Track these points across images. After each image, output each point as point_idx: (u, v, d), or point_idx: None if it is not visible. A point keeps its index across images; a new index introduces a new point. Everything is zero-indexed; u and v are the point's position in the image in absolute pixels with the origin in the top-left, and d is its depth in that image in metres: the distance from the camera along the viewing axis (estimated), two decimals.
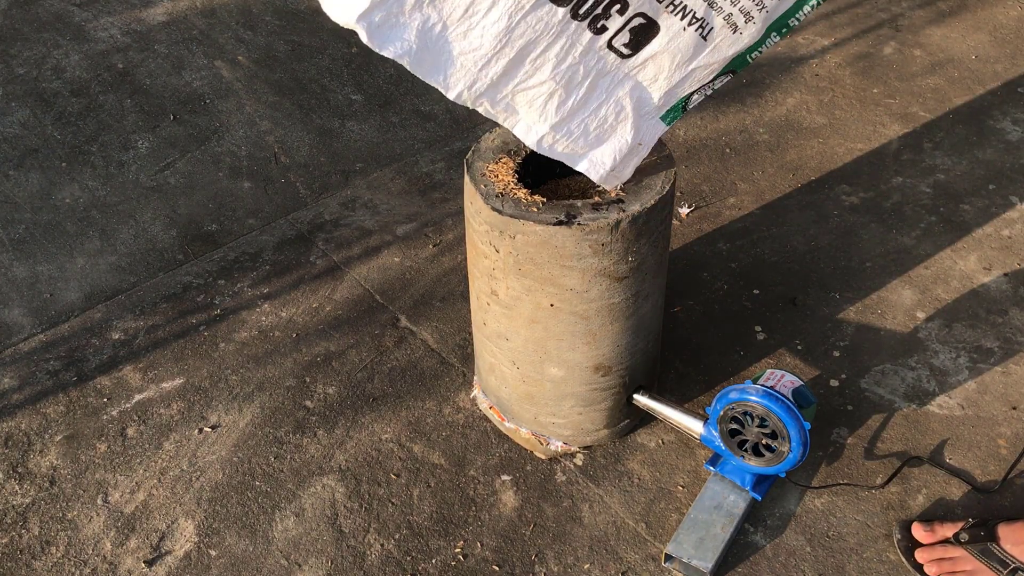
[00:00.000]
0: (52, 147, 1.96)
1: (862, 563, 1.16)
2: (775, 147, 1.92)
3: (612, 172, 1.06)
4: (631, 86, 1.02)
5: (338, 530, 1.22)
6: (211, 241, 1.71)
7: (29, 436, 1.35)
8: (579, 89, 1.00)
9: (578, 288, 1.07)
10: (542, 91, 1.00)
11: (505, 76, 0.98)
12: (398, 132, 2.00)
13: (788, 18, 1.00)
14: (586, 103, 1.01)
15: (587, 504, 1.24)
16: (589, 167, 1.05)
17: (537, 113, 1.01)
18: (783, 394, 1.10)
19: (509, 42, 0.95)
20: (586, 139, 1.04)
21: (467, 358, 1.46)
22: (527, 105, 1.01)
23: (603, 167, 1.05)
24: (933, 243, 1.65)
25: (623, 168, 1.07)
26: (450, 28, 0.94)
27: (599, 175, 1.06)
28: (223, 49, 2.29)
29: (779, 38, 1.02)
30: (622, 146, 1.05)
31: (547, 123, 1.02)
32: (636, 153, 1.07)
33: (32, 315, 1.56)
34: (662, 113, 1.06)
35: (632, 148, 1.06)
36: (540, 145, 1.04)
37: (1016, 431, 1.32)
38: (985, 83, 2.09)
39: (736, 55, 1.02)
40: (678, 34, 0.98)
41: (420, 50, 0.94)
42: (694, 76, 1.03)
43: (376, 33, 0.93)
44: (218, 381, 1.43)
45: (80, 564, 1.18)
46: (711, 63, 1.01)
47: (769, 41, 1.02)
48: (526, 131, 1.03)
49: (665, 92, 1.03)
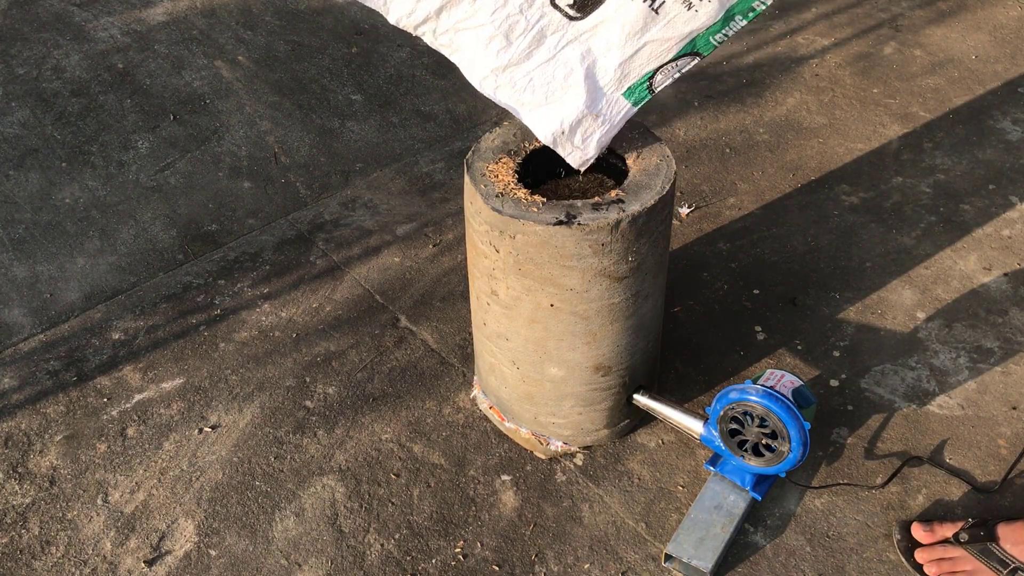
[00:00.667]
0: (52, 147, 1.96)
1: (862, 563, 1.16)
2: (775, 147, 1.92)
3: (562, 136, 1.07)
4: (582, 51, 1.04)
5: (338, 530, 1.22)
6: (211, 241, 1.71)
7: (29, 436, 1.35)
8: (521, 40, 1.03)
9: (578, 288, 1.07)
10: (484, 33, 1.03)
11: (445, 10, 1.02)
12: (398, 132, 2.00)
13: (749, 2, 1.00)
14: (530, 55, 1.04)
15: (587, 504, 1.24)
16: (535, 123, 1.07)
17: (480, 53, 1.04)
18: (783, 394, 1.10)
19: None
20: (532, 94, 1.05)
21: (467, 358, 1.46)
22: (472, 43, 1.04)
23: (549, 126, 1.06)
24: (933, 243, 1.65)
25: (581, 141, 1.08)
26: None
27: (544, 135, 1.07)
28: (223, 49, 2.29)
29: (744, 21, 1.01)
30: (571, 110, 1.05)
31: (487, 66, 1.04)
32: (595, 128, 1.07)
33: (32, 315, 1.56)
34: (623, 90, 1.06)
35: (583, 116, 1.06)
36: (483, 86, 1.06)
37: (1016, 431, 1.32)
38: (985, 83, 2.09)
39: (695, 34, 1.01)
40: (625, 3, 1.00)
41: None
42: (649, 50, 1.03)
43: None
44: (218, 381, 1.43)
45: (80, 564, 1.18)
46: (667, 38, 1.01)
47: (733, 24, 1.01)
48: (470, 69, 1.06)
49: (619, 64, 1.04)
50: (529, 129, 1.11)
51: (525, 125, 1.18)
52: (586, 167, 1.11)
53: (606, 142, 1.09)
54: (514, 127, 1.18)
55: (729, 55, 2.23)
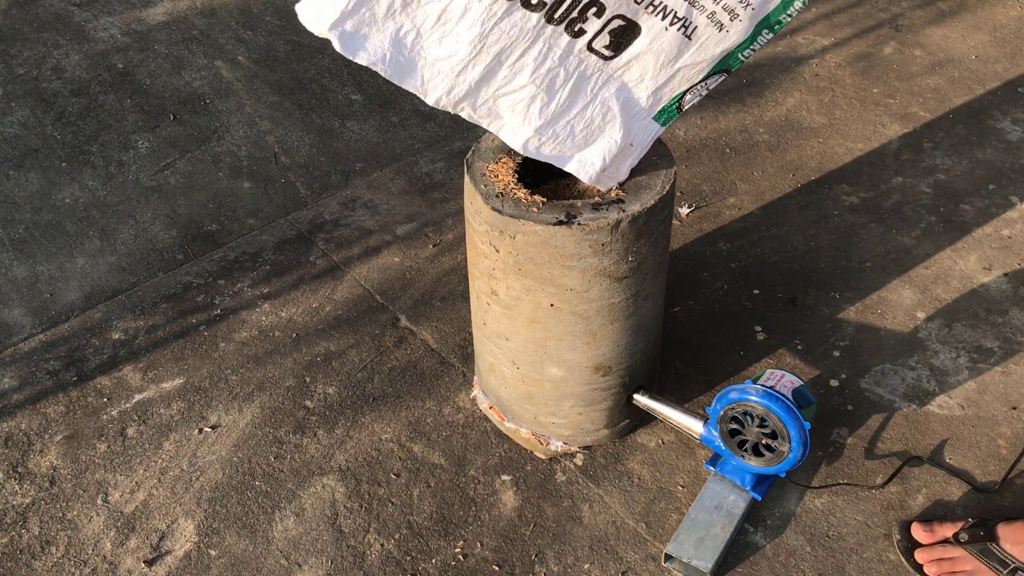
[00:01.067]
0: (52, 147, 1.96)
1: (862, 563, 1.16)
2: (775, 147, 1.92)
3: (603, 172, 1.06)
4: (617, 87, 1.02)
5: (338, 530, 1.22)
6: (211, 241, 1.71)
7: (29, 436, 1.35)
8: (561, 92, 1.00)
9: (578, 288, 1.07)
10: (523, 95, 1.00)
11: (483, 81, 0.99)
12: (398, 132, 2.00)
13: (778, 15, 0.99)
14: (570, 106, 1.02)
15: (587, 504, 1.24)
16: (578, 168, 1.05)
17: (521, 117, 1.01)
18: (783, 394, 1.10)
19: (484, 48, 0.96)
20: (573, 140, 1.04)
21: (467, 358, 1.46)
22: (510, 109, 1.01)
23: (592, 167, 1.05)
24: (933, 243, 1.65)
25: (615, 169, 1.07)
26: (424, 35, 0.96)
27: (588, 175, 1.06)
28: (223, 49, 2.29)
29: (771, 35, 1.01)
30: (611, 146, 1.05)
31: (531, 126, 1.02)
32: (629, 154, 1.07)
33: (32, 315, 1.56)
34: (654, 113, 1.06)
35: (623, 148, 1.05)
36: (526, 148, 1.04)
37: (1016, 431, 1.32)
38: (985, 83, 2.09)
39: (725, 53, 1.01)
40: (660, 34, 0.98)
41: (395, 56, 0.95)
42: (682, 75, 1.02)
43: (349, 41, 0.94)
44: (218, 381, 1.43)
45: (80, 564, 1.18)
46: (698, 62, 1.01)
47: (760, 39, 1.01)
48: (511, 134, 1.03)
49: (653, 92, 1.03)
50: None
51: None
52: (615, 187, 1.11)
53: (635, 163, 1.09)
54: None
55: None
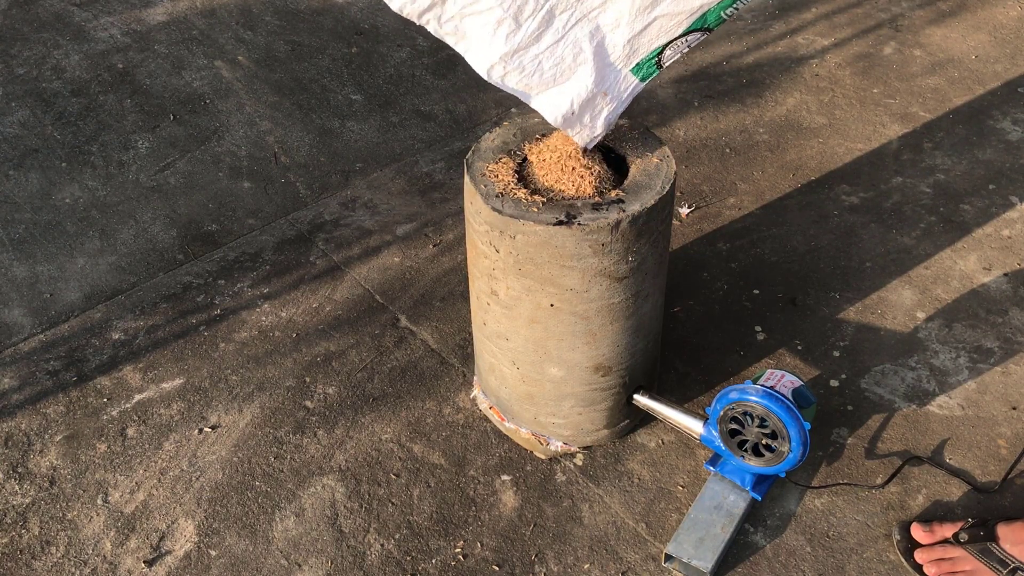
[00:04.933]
0: (52, 147, 1.96)
1: (862, 563, 1.16)
2: (775, 147, 1.92)
3: (573, 118, 1.04)
4: (591, 29, 1.01)
5: (338, 530, 1.22)
6: (211, 241, 1.71)
7: (29, 436, 1.35)
8: (531, 22, 0.99)
9: (578, 288, 1.07)
10: (490, 18, 0.99)
11: None
12: (398, 132, 2.00)
13: None
14: (539, 38, 1.00)
15: (587, 504, 1.24)
16: (544, 106, 1.04)
17: (487, 40, 1.00)
18: (783, 394, 1.10)
19: None
20: (540, 77, 1.02)
21: (467, 358, 1.46)
22: (477, 30, 1.00)
23: (558, 109, 1.04)
24: (933, 243, 1.65)
25: (590, 120, 1.06)
26: None
27: (554, 117, 1.04)
28: (223, 49, 2.29)
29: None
30: (580, 91, 1.03)
31: (496, 52, 1.01)
32: (603, 106, 1.05)
33: (32, 315, 1.56)
34: (631, 66, 1.04)
35: (593, 96, 1.04)
36: (490, 75, 1.03)
37: (1016, 431, 1.32)
38: (985, 83, 2.09)
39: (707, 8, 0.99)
40: None
41: None
42: (659, 25, 1.00)
43: None
44: (218, 381, 1.43)
45: (80, 564, 1.18)
46: (677, 12, 0.99)
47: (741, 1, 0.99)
48: (476, 57, 1.02)
49: (628, 40, 1.01)
50: (529, 122, 1.09)
51: (524, 123, 1.18)
52: (593, 145, 1.10)
53: (614, 119, 1.08)
54: (514, 127, 1.18)
55: (729, 55, 2.23)
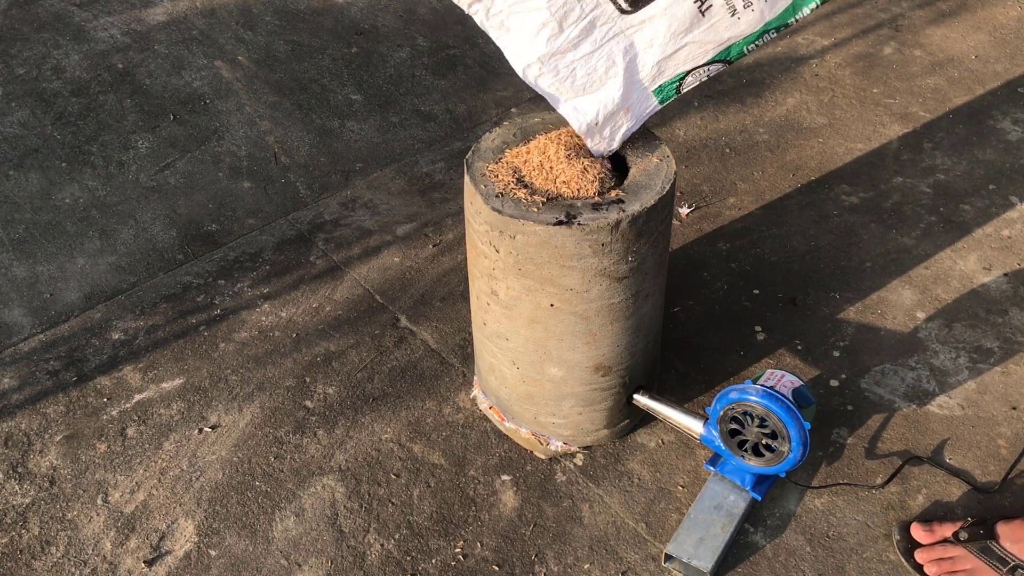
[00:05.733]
0: (52, 147, 1.96)
1: (862, 563, 1.16)
2: (775, 147, 1.92)
3: (595, 127, 1.07)
4: (626, 45, 1.04)
5: (338, 530, 1.22)
6: (211, 241, 1.71)
7: (29, 436, 1.35)
8: (573, 29, 1.02)
9: (578, 288, 1.07)
10: (537, 18, 1.02)
11: None
12: (398, 132, 2.00)
13: (788, 16, 1.02)
14: (578, 46, 1.04)
15: (587, 504, 1.24)
16: (571, 112, 1.07)
17: (528, 39, 1.04)
18: (783, 394, 1.10)
19: None
20: (572, 84, 1.06)
21: (467, 358, 1.46)
22: (522, 28, 1.04)
23: (585, 117, 1.07)
24: (933, 243, 1.65)
25: (609, 132, 1.08)
26: None
27: (579, 124, 1.07)
28: (223, 49, 2.29)
29: (775, 34, 1.03)
30: (608, 103, 1.06)
31: (535, 52, 1.04)
32: (623, 121, 1.08)
33: (32, 315, 1.56)
34: (655, 87, 1.07)
35: (618, 109, 1.07)
36: (526, 74, 1.06)
37: (1016, 431, 1.32)
38: (985, 83, 2.09)
39: (731, 42, 1.03)
40: (675, 2, 1.01)
41: None
42: (688, 51, 1.04)
43: None
44: (218, 381, 1.43)
45: (80, 564, 1.18)
46: (706, 42, 1.03)
47: (766, 37, 1.03)
48: (515, 54, 1.06)
49: (658, 61, 1.05)
50: (529, 122, 1.11)
51: (524, 123, 1.18)
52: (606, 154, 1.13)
53: (627, 136, 1.11)
54: (514, 127, 1.18)
55: None
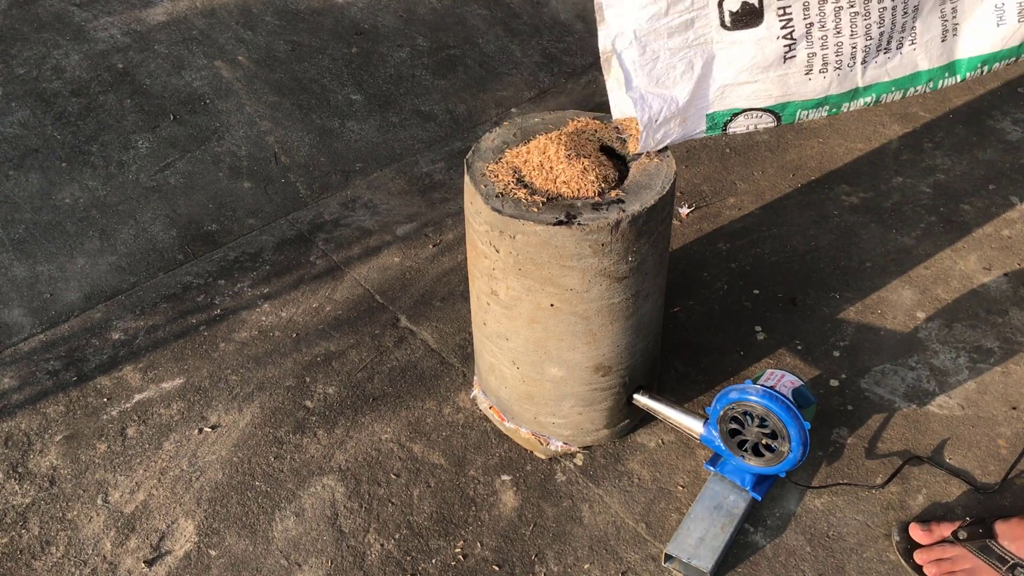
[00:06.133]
0: (52, 147, 1.96)
1: (862, 563, 1.16)
2: (775, 147, 1.92)
3: (654, 124, 1.07)
4: (708, 56, 1.04)
5: (338, 530, 1.22)
6: (211, 241, 1.71)
7: (29, 436, 1.35)
8: (676, 17, 1.02)
9: (578, 288, 1.07)
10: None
11: None
12: (398, 132, 2.00)
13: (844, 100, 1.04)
14: (671, 36, 1.03)
15: (587, 504, 1.24)
16: (639, 100, 1.07)
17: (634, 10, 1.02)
18: (783, 394, 1.10)
19: None
20: (650, 71, 1.05)
21: (467, 358, 1.46)
22: None
23: (649, 110, 1.06)
24: (933, 243, 1.65)
25: (662, 133, 1.09)
26: None
27: (643, 115, 1.07)
28: (223, 49, 2.29)
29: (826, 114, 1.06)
30: (672, 104, 1.06)
31: (632, 24, 1.03)
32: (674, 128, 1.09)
33: (32, 315, 1.56)
34: (711, 109, 1.08)
35: (677, 114, 1.07)
36: (616, 41, 1.04)
37: (1016, 431, 1.32)
38: (985, 83, 2.09)
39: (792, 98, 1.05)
40: (770, 38, 1.02)
41: None
42: (754, 89, 1.05)
43: None
44: (218, 381, 1.43)
45: (80, 564, 1.18)
46: (774, 88, 1.04)
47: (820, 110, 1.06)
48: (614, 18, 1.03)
49: (726, 85, 1.06)
50: (530, 122, 1.11)
51: (524, 123, 1.18)
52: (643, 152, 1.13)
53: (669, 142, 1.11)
54: (514, 127, 1.18)
55: None
